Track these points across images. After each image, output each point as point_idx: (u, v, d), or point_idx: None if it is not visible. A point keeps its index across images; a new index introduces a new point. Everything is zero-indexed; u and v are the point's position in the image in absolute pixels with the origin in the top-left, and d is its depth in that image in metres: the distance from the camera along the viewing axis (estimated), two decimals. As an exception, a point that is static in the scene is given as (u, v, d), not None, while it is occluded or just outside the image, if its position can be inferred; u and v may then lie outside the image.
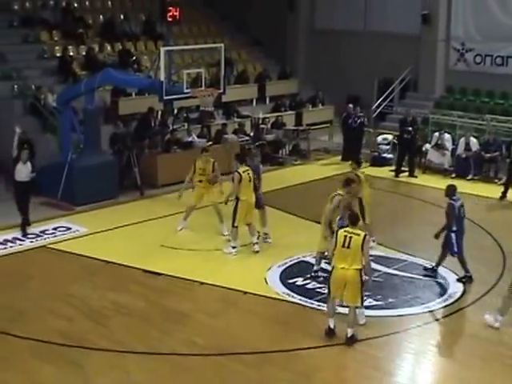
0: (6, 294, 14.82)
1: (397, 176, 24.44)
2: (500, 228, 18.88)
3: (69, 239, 18.07)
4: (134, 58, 27.59)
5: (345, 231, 12.56)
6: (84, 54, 27.21)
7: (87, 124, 21.32)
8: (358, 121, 26.17)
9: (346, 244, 12.38)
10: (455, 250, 15.35)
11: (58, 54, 26.83)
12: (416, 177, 24.27)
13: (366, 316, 13.46)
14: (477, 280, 15.48)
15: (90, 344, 12.67)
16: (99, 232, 18.53)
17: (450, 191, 15.59)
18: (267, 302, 14.62)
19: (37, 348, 12.57)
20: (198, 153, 18.99)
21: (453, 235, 15.36)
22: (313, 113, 30.05)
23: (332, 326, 12.82)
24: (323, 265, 15.48)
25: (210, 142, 24.54)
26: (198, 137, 24.71)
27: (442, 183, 23.17)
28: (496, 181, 23.71)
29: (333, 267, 12.66)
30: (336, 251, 12.54)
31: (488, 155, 24.24)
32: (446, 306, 14.52)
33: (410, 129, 24.66)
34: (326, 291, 13.15)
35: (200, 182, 18.45)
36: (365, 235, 12.48)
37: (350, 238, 12.38)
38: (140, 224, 19.18)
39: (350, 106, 26.70)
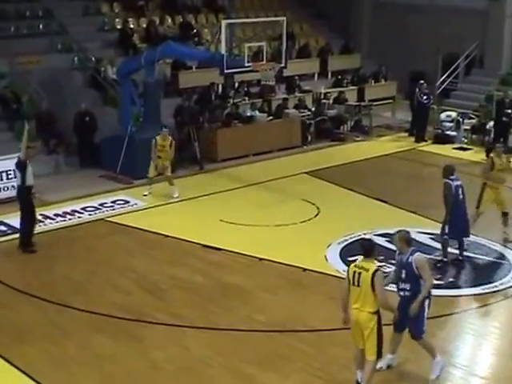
0: (65, 266, 14.87)
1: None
2: None
3: (127, 212, 18.05)
4: (195, 30, 27.44)
5: (355, 265, 10.45)
6: (144, 26, 27.13)
7: (147, 97, 21.24)
8: (425, 97, 25.62)
9: (356, 281, 10.28)
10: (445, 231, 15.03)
11: (119, 27, 26.82)
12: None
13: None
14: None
15: (148, 317, 12.64)
16: (157, 206, 18.49)
17: (447, 172, 14.94)
18: (327, 280, 14.41)
19: (95, 321, 12.57)
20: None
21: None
22: (375, 88, 29.53)
23: (359, 380, 10.64)
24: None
25: (271, 117, 24.34)
26: (259, 111, 24.47)
27: (507, 162, 22.67)
28: (563, 159, 23.14)
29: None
30: (350, 288, 10.47)
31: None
32: (508, 288, 14.14)
33: (510, 111, 23.60)
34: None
35: None
36: (375, 270, 10.23)
37: (359, 274, 10.25)
38: (199, 198, 19.09)
39: (421, 82, 26.07)
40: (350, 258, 15.12)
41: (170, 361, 11.37)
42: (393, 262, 14.79)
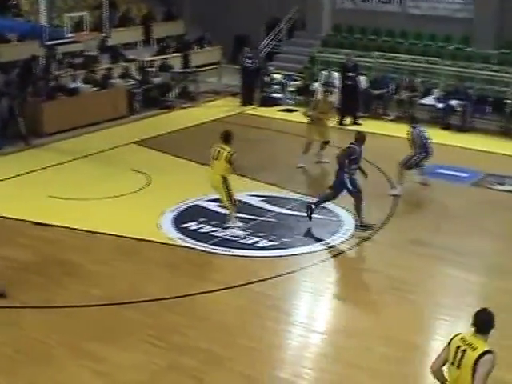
0: None
1: (341, 124, 23.09)
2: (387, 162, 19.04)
3: (-50, 192, 17.43)
4: (13, 2, 26.57)
5: (461, 338, 7.60)
6: (-42, -2, 26.08)
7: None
8: (248, 61, 25.94)
9: (457, 361, 7.52)
10: None
11: None
12: (360, 124, 23.00)
13: (260, 257, 13.49)
14: (371, 216, 15.64)
15: (-21, 302, 12.29)
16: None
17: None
18: (161, 248, 14.46)
19: None
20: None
21: None
22: (200, 54, 29.60)
23: None
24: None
25: (96, 88, 23.97)
26: (84, 82, 24.07)
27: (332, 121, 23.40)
28: (384, 117, 24.06)
29: None
30: (448, 366, 7.74)
31: (376, 92, 24.45)
32: (340, 243, 14.65)
33: (353, 74, 23.80)
34: None
35: None
36: (484, 352, 7.33)
37: (464, 351, 7.46)
38: (26, 175, 18.59)
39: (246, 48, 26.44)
40: (184, 225, 15.32)
41: (7, 344, 11.08)
42: (214, 223, 15.19)
